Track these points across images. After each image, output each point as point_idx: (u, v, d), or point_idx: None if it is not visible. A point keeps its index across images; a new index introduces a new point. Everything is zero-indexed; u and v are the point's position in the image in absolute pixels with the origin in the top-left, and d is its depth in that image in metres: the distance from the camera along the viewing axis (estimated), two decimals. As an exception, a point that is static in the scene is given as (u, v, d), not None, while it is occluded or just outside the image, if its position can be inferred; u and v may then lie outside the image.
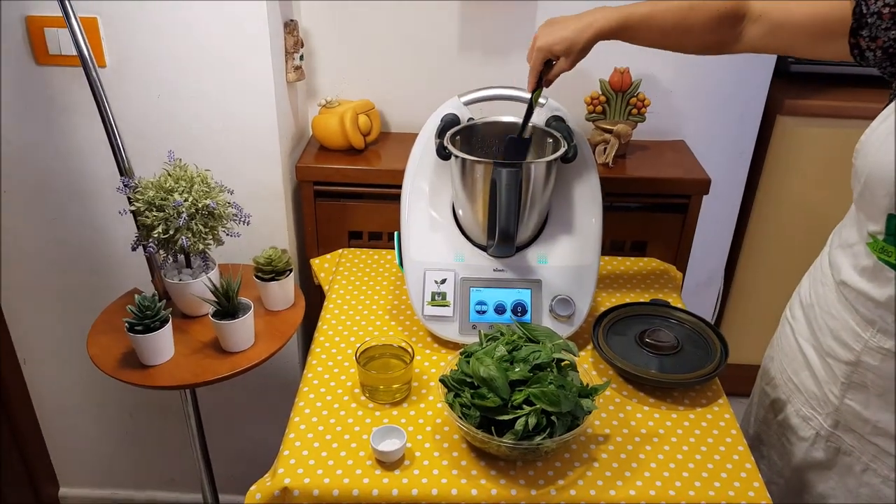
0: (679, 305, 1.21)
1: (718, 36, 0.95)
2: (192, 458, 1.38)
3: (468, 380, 0.89)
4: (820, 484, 0.97)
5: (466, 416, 0.87)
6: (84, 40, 1.07)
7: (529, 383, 0.87)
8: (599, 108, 1.44)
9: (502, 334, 0.96)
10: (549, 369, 0.89)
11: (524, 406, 0.85)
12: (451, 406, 0.89)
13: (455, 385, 0.90)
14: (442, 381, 0.92)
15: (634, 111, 1.44)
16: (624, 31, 0.96)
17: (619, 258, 1.38)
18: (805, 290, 1.00)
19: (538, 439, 0.84)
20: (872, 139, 0.81)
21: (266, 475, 0.92)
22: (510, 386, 0.87)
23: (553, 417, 0.85)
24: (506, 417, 0.85)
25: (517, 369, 0.88)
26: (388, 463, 0.90)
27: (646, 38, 0.98)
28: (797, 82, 1.73)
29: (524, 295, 1.10)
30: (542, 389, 0.85)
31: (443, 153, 1.11)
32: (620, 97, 1.42)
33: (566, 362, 0.92)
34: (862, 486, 0.92)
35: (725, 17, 0.93)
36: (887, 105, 0.82)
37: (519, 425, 0.84)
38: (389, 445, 0.90)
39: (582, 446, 0.93)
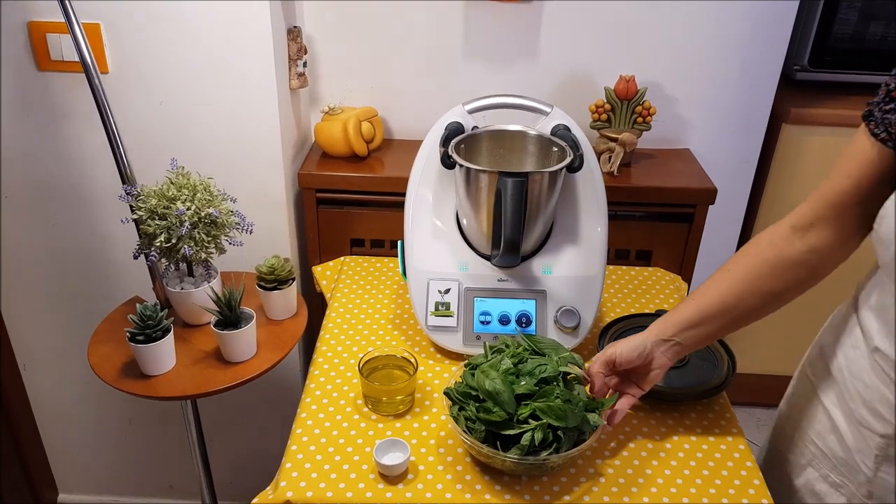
0: (685, 316, 1.20)
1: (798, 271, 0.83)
2: (192, 465, 1.37)
3: (473, 393, 0.88)
4: None
5: (471, 430, 0.86)
6: (86, 46, 1.06)
7: (535, 397, 0.86)
8: (604, 116, 1.43)
9: (507, 346, 0.95)
10: (555, 383, 0.88)
11: (530, 420, 0.84)
12: (456, 420, 0.88)
13: (460, 398, 0.89)
14: (446, 393, 0.91)
15: (640, 119, 1.43)
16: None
17: (624, 268, 1.37)
18: (829, 347, 0.91)
19: (544, 454, 0.83)
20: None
21: (268, 488, 0.91)
22: (516, 400, 0.86)
23: (559, 432, 0.84)
24: (512, 432, 0.84)
25: (523, 383, 0.87)
26: (391, 477, 0.89)
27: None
28: (802, 91, 1.73)
29: (529, 305, 1.09)
30: (548, 404, 0.84)
31: (447, 162, 1.10)
32: (626, 105, 1.42)
33: (572, 375, 0.91)
34: None
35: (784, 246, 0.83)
36: None
37: (525, 440, 0.83)
38: (393, 459, 0.89)
39: (588, 461, 0.92)
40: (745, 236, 1.79)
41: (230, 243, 1.16)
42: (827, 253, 0.81)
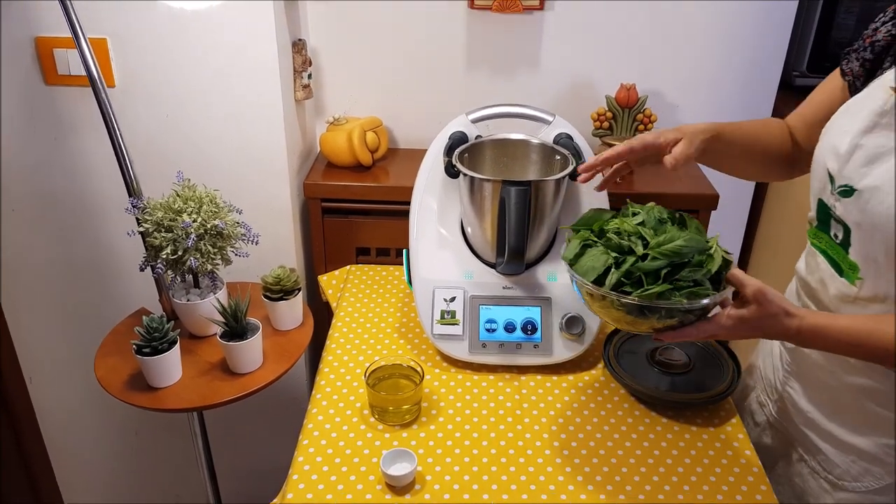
0: (689, 322, 1.20)
1: (783, 150, 0.99)
2: (199, 477, 1.37)
3: (663, 272, 0.80)
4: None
5: (697, 295, 0.79)
6: (93, 61, 1.08)
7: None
8: (606, 124, 1.44)
9: (592, 229, 0.90)
10: (668, 220, 0.86)
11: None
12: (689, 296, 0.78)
13: (654, 285, 0.79)
14: (653, 296, 0.79)
15: (641, 127, 1.44)
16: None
17: (628, 274, 1.37)
18: None
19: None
20: (826, 127, 0.85)
21: (275, 499, 0.91)
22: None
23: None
24: (714, 267, 0.80)
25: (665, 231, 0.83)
26: (398, 487, 0.89)
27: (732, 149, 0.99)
28: (802, 96, 1.71)
29: (534, 312, 1.10)
30: (691, 235, 0.82)
31: (451, 171, 1.11)
32: (627, 113, 1.42)
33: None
34: (795, 477, 0.95)
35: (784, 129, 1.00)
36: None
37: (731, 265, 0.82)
38: (400, 469, 0.89)
39: (594, 468, 0.92)
40: (748, 241, 1.79)
41: (236, 254, 1.17)
42: (799, 154, 0.98)
